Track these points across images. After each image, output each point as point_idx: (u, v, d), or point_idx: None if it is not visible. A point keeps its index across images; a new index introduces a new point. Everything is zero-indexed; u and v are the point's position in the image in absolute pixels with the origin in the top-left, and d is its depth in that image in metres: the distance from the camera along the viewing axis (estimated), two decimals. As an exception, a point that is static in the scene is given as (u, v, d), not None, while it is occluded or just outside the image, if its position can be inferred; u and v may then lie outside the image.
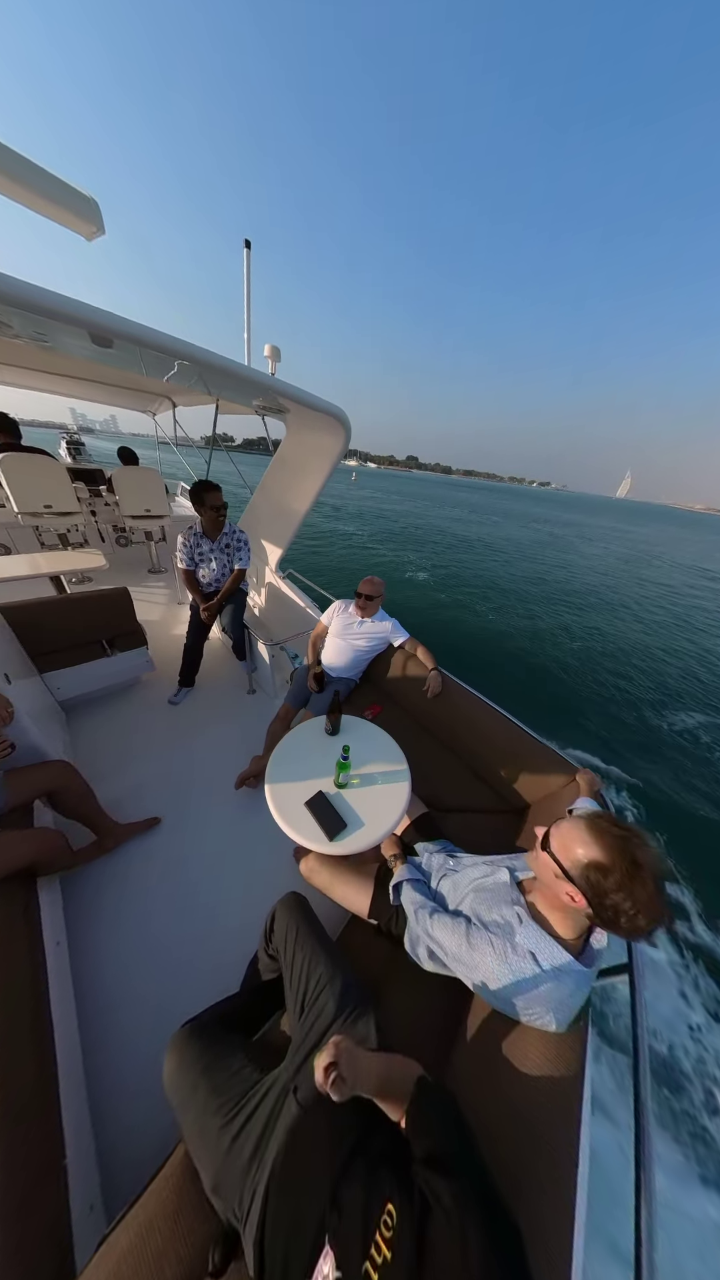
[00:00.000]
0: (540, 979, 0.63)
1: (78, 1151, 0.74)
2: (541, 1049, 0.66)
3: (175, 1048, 0.73)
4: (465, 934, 0.73)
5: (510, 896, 0.75)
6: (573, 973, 0.63)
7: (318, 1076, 0.49)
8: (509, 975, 0.65)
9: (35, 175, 1.26)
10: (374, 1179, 0.50)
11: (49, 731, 1.58)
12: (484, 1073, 0.69)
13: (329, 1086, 0.48)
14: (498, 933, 0.70)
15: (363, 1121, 0.57)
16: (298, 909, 0.90)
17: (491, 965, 0.67)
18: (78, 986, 1.04)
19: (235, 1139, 0.61)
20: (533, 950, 0.65)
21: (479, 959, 0.69)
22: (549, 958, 0.64)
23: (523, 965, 0.64)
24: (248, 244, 1.65)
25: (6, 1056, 0.72)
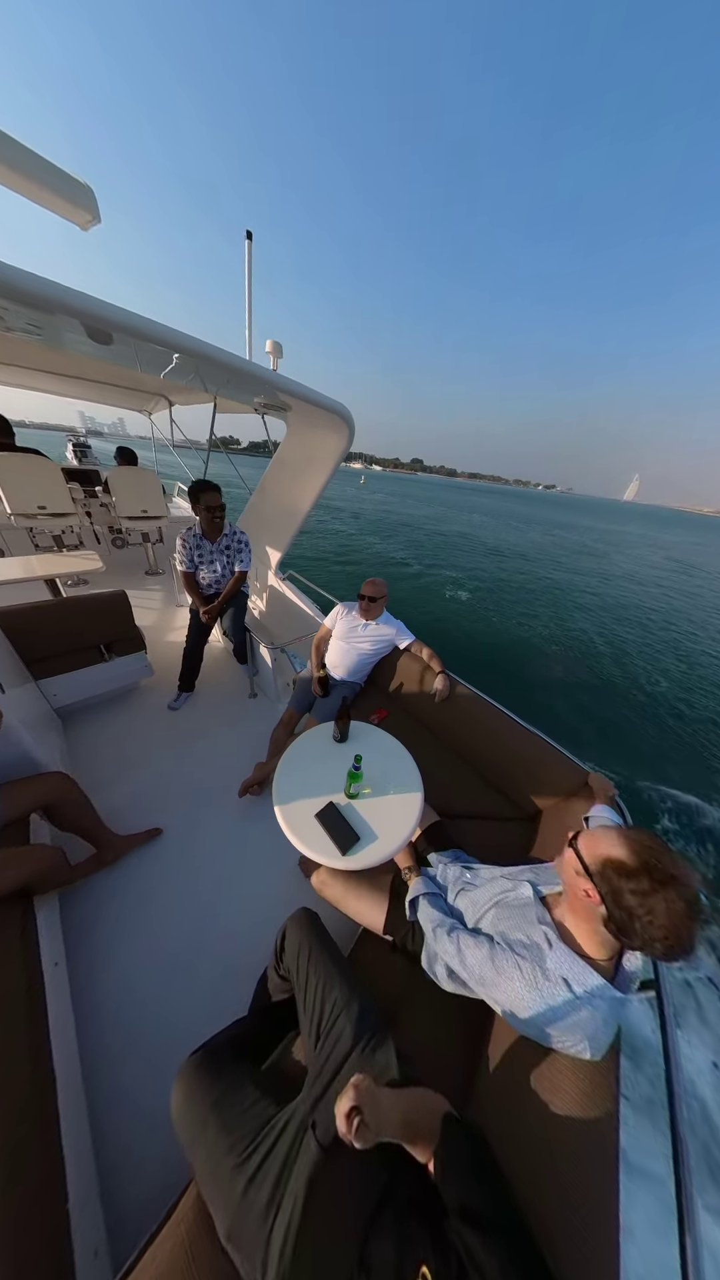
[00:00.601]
0: (574, 1006, 0.60)
1: (80, 1192, 0.70)
2: (572, 1076, 0.63)
3: (183, 1080, 0.69)
4: (490, 956, 0.70)
5: (536, 914, 0.71)
6: (607, 998, 0.60)
7: (339, 1124, 0.46)
8: (540, 1002, 0.61)
9: (27, 159, 1.21)
10: (404, 1235, 0.46)
11: (45, 740, 1.53)
12: (510, 1103, 0.65)
13: (352, 1135, 0.45)
14: (525, 955, 0.66)
15: (387, 1164, 0.54)
16: (309, 927, 0.86)
17: (520, 991, 0.63)
18: (78, 1009, 0.99)
19: (251, 1181, 0.58)
20: (565, 976, 0.61)
21: (506, 984, 0.66)
22: (582, 983, 0.60)
23: (555, 992, 0.61)
24: (249, 235, 1.61)
25: (3, 1091, 0.68)
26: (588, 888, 0.60)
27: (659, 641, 9.30)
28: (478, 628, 8.39)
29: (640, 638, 9.23)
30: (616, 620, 10.35)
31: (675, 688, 6.80)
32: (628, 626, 9.95)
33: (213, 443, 2.95)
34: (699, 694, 6.72)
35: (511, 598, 11.14)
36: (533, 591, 12.23)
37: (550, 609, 10.52)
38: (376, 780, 1.13)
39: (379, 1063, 0.66)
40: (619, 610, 11.46)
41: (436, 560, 14.62)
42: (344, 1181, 0.55)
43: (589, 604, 11.72)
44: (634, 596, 13.78)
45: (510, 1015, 0.66)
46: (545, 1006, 0.61)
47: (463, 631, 8.07)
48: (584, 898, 0.61)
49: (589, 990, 0.60)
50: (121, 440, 6.14)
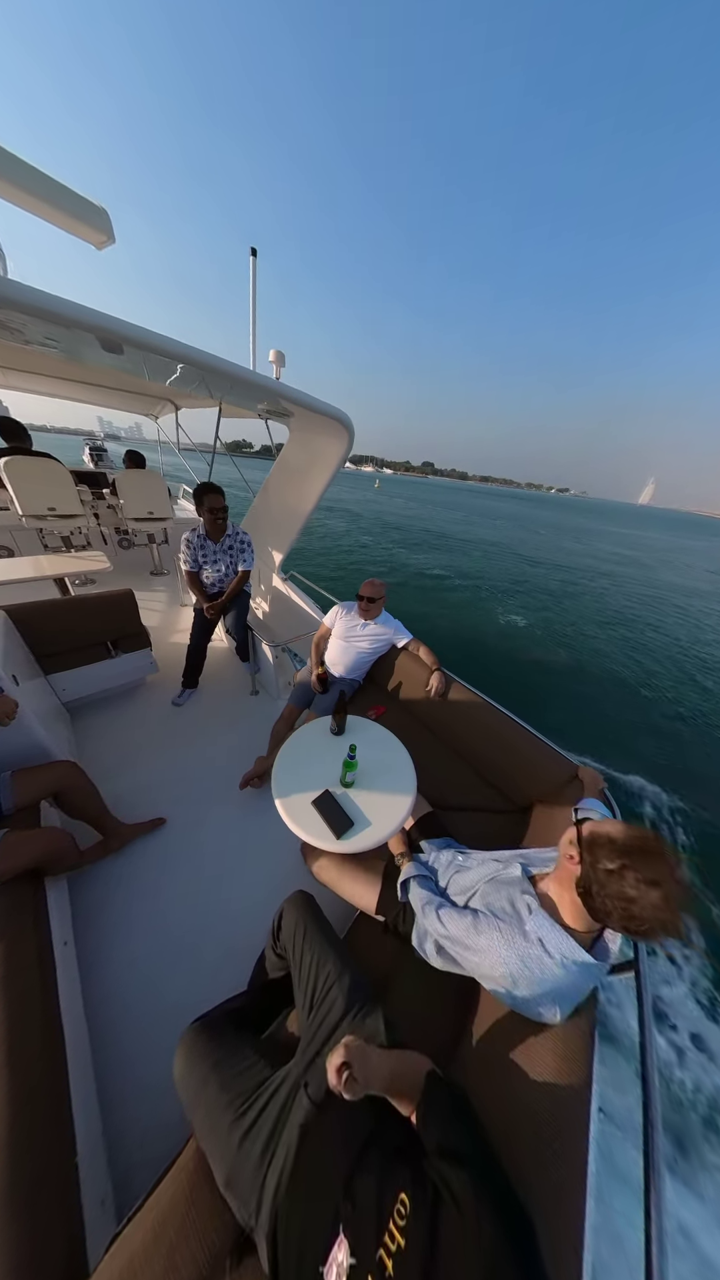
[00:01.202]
0: (546, 966, 0.64)
1: (88, 1148, 0.74)
2: (550, 1047, 0.67)
3: (185, 1045, 0.74)
4: (473, 923, 0.74)
5: (521, 888, 0.76)
6: (581, 963, 0.63)
7: (330, 1077, 0.50)
8: (515, 959, 0.65)
9: (47, 186, 1.29)
10: (387, 1170, 0.50)
11: (55, 732, 1.59)
12: (492, 1070, 0.70)
13: (342, 1086, 0.49)
14: (506, 920, 0.71)
15: (375, 1117, 0.58)
16: (305, 907, 0.90)
17: (498, 949, 0.68)
18: (85, 985, 1.04)
19: (247, 1134, 0.62)
20: (541, 938, 0.65)
21: (484, 943, 0.70)
22: (557, 946, 0.64)
23: (529, 950, 0.65)
24: (254, 252, 1.68)
25: (17, 1055, 0.73)
26: (573, 853, 0.64)
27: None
28: (552, 659, 7.13)
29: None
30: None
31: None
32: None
33: (222, 446, 3.02)
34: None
35: (574, 617, 9.83)
36: (600, 609, 10.74)
37: (621, 630, 9.13)
38: (371, 770, 1.17)
39: (369, 1028, 0.70)
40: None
41: (478, 575, 13.20)
42: (333, 1130, 0.59)
43: (667, 624, 10.13)
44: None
45: (489, 980, 0.70)
46: (520, 964, 0.65)
47: (538, 666, 6.69)
48: (568, 861, 0.65)
49: (563, 953, 0.64)
50: (137, 444, 6.19)
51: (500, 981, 0.68)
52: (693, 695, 6.47)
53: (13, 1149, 0.63)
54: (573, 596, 12.20)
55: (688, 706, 6.06)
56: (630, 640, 8.65)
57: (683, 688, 6.70)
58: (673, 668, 7.54)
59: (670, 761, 4.63)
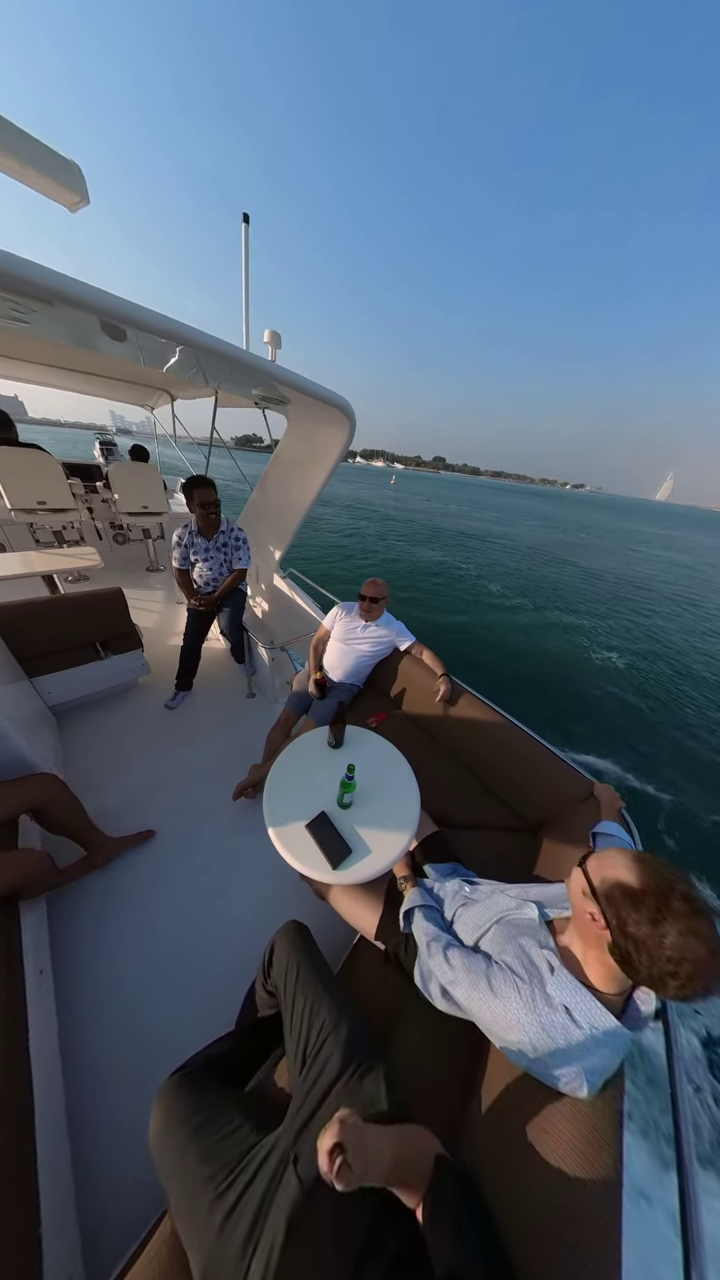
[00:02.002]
0: (573, 1037, 0.56)
1: (54, 1216, 0.67)
2: (571, 1112, 0.59)
3: (162, 1102, 0.66)
4: (485, 974, 0.66)
5: (540, 938, 0.67)
6: (610, 1033, 0.55)
7: (321, 1161, 0.42)
8: (536, 1028, 0.57)
9: (10, 135, 1.16)
10: None
11: (39, 739, 1.51)
12: (505, 1138, 0.62)
13: (334, 1175, 0.41)
14: (525, 978, 0.62)
15: (372, 1210, 0.50)
16: (299, 941, 0.83)
17: (516, 1014, 0.59)
18: (63, 1016, 0.97)
19: (228, 1217, 0.54)
20: (567, 1004, 0.57)
21: (501, 1006, 0.61)
22: (586, 1015, 0.56)
23: (554, 1019, 0.57)
24: (246, 218, 1.55)
25: None
26: (594, 911, 0.56)
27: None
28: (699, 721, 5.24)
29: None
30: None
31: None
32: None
33: (232, 441, 2.90)
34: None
35: (679, 651, 7.82)
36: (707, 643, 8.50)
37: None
38: (372, 789, 1.09)
39: (367, 1092, 0.63)
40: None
41: (545, 596, 10.97)
42: (325, 1225, 0.51)
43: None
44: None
45: (504, 1042, 0.62)
46: (542, 1033, 0.57)
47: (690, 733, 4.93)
48: (590, 922, 0.57)
49: (591, 1022, 0.55)
50: (148, 438, 5.88)
51: (516, 1046, 0.60)
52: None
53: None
54: (660, 621, 10.11)
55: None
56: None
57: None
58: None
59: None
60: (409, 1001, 0.83)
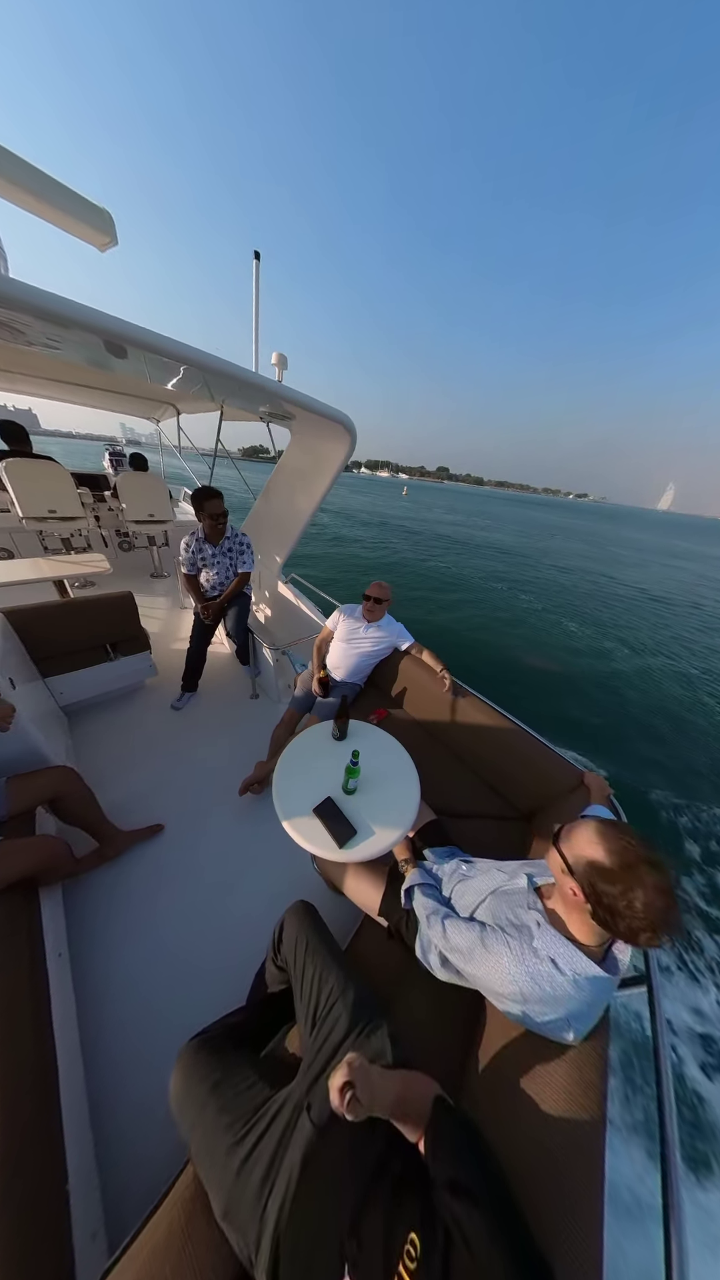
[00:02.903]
0: (559, 984, 0.62)
1: (79, 1176, 0.71)
2: (562, 1064, 0.64)
3: (182, 1063, 0.71)
4: (480, 937, 0.72)
5: (528, 901, 0.74)
6: (594, 979, 0.61)
7: (333, 1097, 0.48)
8: (526, 978, 0.63)
9: (50, 188, 1.29)
10: (395, 1207, 0.48)
11: (52, 736, 1.57)
12: (501, 1089, 0.67)
13: (344, 1107, 0.47)
14: (515, 935, 0.68)
15: (380, 1143, 0.55)
16: (307, 918, 0.88)
17: (508, 966, 0.65)
18: (80, 998, 1.01)
19: (246, 1160, 0.59)
20: (553, 956, 0.63)
21: (494, 960, 0.68)
22: (569, 963, 0.62)
23: (540, 968, 0.63)
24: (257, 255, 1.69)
25: (7, 1074, 0.70)
26: (573, 886, 0.62)
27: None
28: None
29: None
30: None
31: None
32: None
33: (240, 452, 3.02)
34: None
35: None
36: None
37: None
38: (374, 776, 1.15)
39: (374, 1047, 0.68)
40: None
41: (630, 632, 8.95)
42: (337, 1159, 0.56)
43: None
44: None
45: (498, 996, 0.67)
46: (531, 982, 0.62)
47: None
48: (571, 895, 0.63)
49: (575, 970, 0.61)
50: (157, 449, 5.90)
51: (510, 999, 0.65)
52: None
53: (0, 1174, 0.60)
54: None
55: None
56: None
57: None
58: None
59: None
60: (411, 973, 0.88)
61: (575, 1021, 0.62)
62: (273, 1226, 0.53)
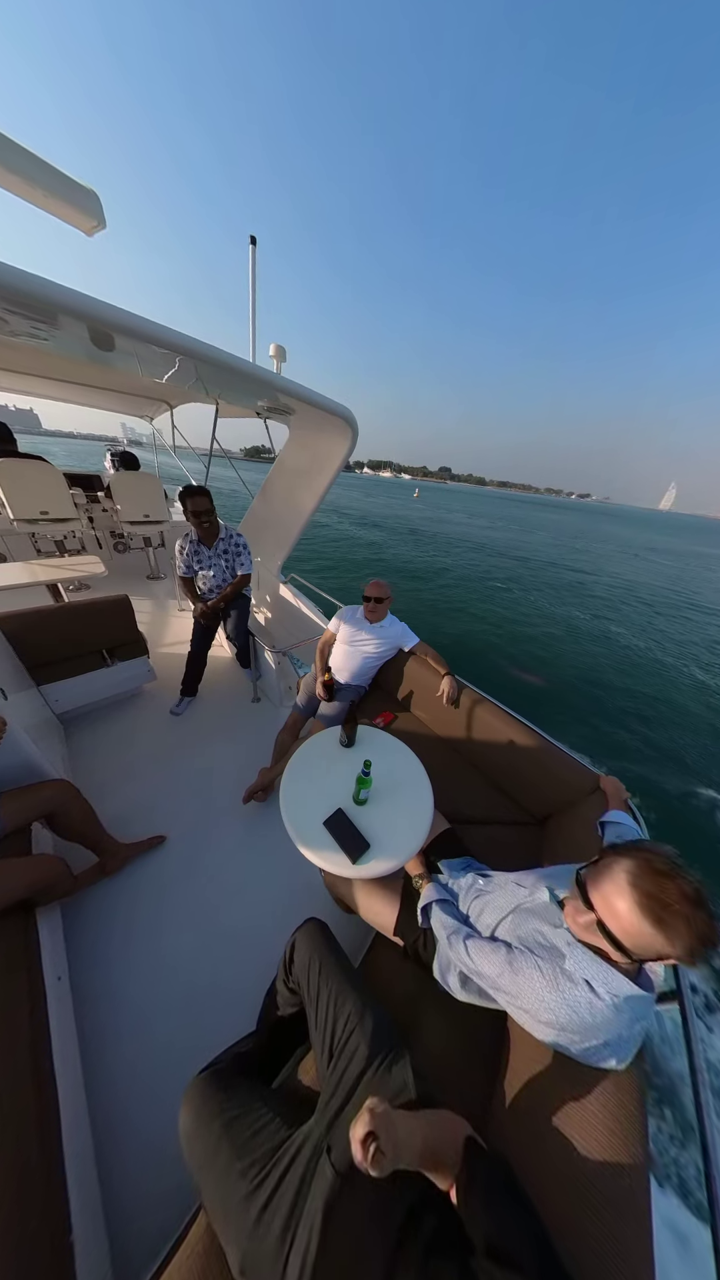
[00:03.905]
0: (597, 1009, 0.58)
1: (84, 1222, 0.67)
2: (596, 1091, 0.60)
3: (191, 1101, 0.67)
4: (508, 960, 0.67)
5: (553, 919, 0.69)
6: (631, 998, 0.57)
7: (354, 1151, 0.44)
8: (562, 1005, 0.59)
9: (32, 166, 1.21)
10: (432, 1272, 0.44)
11: (47, 747, 1.51)
12: (532, 1123, 0.63)
13: (368, 1163, 0.43)
14: (545, 957, 0.64)
15: (410, 1193, 0.51)
16: (319, 938, 0.83)
17: (541, 993, 0.61)
18: (80, 1025, 0.97)
19: (264, 1210, 0.55)
20: (587, 978, 0.59)
21: (525, 985, 0.63)
22: (605, 985, 0.58)
23: (577, 994, 0.59)
24: (253, 240, 1.62)
25: (5, 1114, 0.65)
26: (613, 954, 0.58)
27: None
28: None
29: None
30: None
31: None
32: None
33: (240, 451, 2.95)
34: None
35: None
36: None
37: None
38: (385, 786, 1.11)
39: (395, 1081, 0.64)
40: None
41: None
42: (363, 1211, 0.52)
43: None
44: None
45: (532, 1023, 0.63)
46: (568, 1010, 0.58)
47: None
48: (607, 949, 0.58)
49: (612, 992, 0.57)
50: (156, 449, 5.64)
51: (546, 1027, 0.61)
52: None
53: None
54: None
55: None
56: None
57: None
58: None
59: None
60: (429, 995, 0.84)
61: (619, 1047, 0.58)
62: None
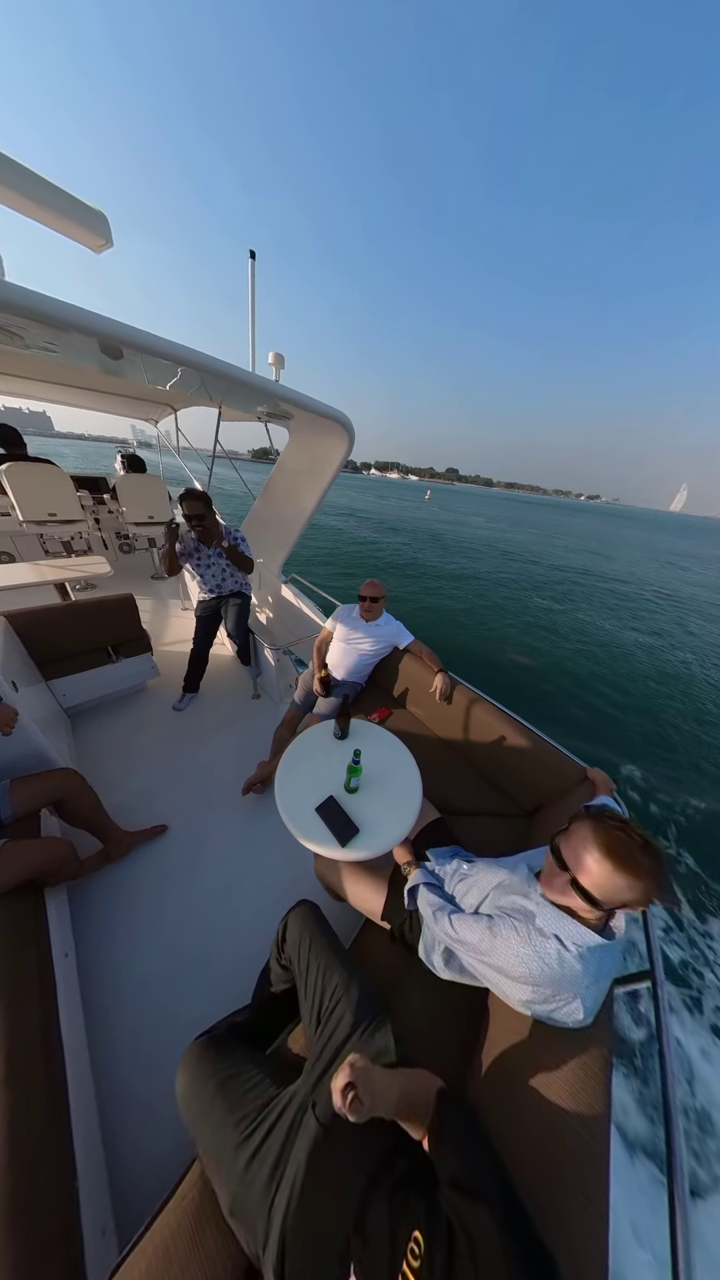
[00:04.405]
0: (567, 960, 0.63)
1: (89, 1173, 0.72)
2: (566, 1056, 0.65)
3: (189, 1062, 0.72)
4: (488, 927, 0.73)
5: (528, 887, 0.75)
6: (596, 949, 0.63)
7: (335, 1099, 0.48)
8: (534, 958, 0.64)
9: (45, 191, 1.29)
10: (400, 1204, 0.48)
11: (55, 738, 1.58)
12: (505, 1085, 0.67)
13: (347, 1108, 0.47)
14: (520, 918, 0.70)
15: (385, 1141, 0.56)
16: (310, 917, 0.88)
17: (516, 949, 0.66)
18: (86, 997, 1.02)
19: (253, 1157, 0.60)
20: (556, 933, 0.65)
21: (501, 946, 0.69)
22: (572, 937, 0.64)
23: (547, 946, 0.64)
24: (252, 255, 1.69)
25: (16, 1074, 0.71)
26: (581, 906, 0.64)
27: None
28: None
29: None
30: None
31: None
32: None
33: (245, 452, 3.00)
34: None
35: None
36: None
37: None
38: (376, 775, 1.15)
39: (377, 1045, 0.68)
40: None
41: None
42: (342, 1156, 0.57)
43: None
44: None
45: (508, 984, 0.68)
46: (539, 961, 0.63)
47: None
48: (566, 884, 0.64)
49: (579, 943, 0.63)
50: (165, 451, 5.53)
51: (519, 984, 0.66)
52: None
53: (11, 1172, 0.60)
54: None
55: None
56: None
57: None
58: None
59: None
60: (413, 974, 0.89)
61: (585, 997, 0.63)
62: (280, 1223, 0.53)
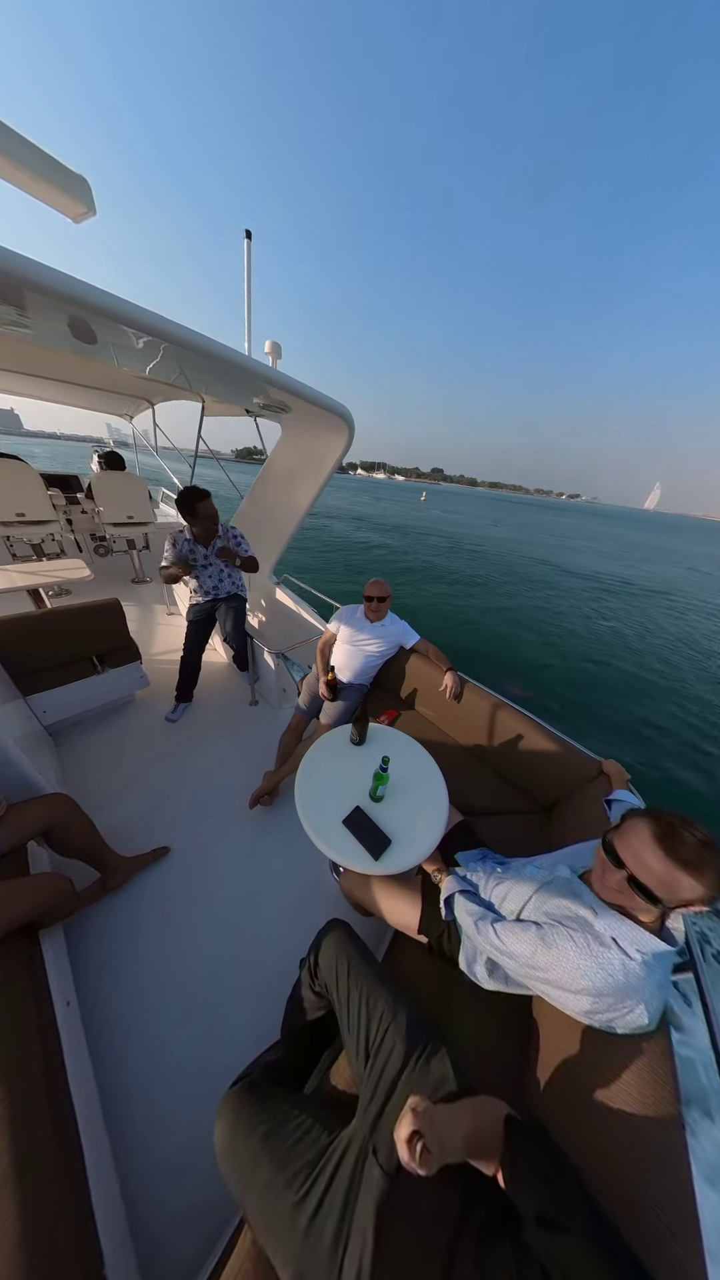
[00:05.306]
0: (630, 968, 0.60)
1: (115, 1255, 0.63)
2: (627, 1060, 0.62)
3: (226, 1114, 0.64)
4: (539, 937, 0.69)
5: (575, 889, 0.72)
6: (659, 955, 0.61)
7: (401, 1152, 0.44)
8: (596, 969, 0.61)
9: (20, 148, 1.15)
10: (488, 1258, 0.44)
11: (38, 760, 1.43)
12: (569, 1095, 0.64)
13: (416, 1162, 0.43)
14: (575, 926, 0.66)
15: (459, 1183, 0.51)
16: (344, 939, 0.83)
17: (575, 961, 0.63)
18: (94, 1051, 0.92)
19: (314, 1219, 0.54)
20: (615, 937, 0.62)
21: (558, 958, 0.65)
22: (633, 941, 0.61)
23: (609, 955, 0.61)
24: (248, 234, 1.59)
25: (25, 1149, 0.61)
26: (644, 907, 0.62)
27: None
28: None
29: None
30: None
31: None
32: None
33: (229, 452, 2.88)
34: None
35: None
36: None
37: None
38: (399, 781, 1.11)
39: (434, 1075, 0.64)
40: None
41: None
42: (414, 1208, 0.52)
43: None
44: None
45: (566, 996, 0.65)
46: (603, 974, 0.61)
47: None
48: (622, 884, 0.62)
49: (639, 947, 0.61)
50: (146, 450, 5.09)
51: (579, 995, 0.63)
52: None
53: (29, 1253, 0.52)
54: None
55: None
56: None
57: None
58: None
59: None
60: (455, 988, 0.85)
61: (650, 1002, 0.60)
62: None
